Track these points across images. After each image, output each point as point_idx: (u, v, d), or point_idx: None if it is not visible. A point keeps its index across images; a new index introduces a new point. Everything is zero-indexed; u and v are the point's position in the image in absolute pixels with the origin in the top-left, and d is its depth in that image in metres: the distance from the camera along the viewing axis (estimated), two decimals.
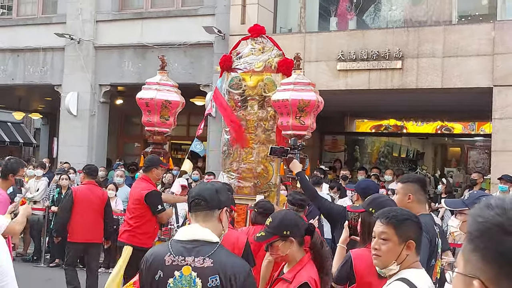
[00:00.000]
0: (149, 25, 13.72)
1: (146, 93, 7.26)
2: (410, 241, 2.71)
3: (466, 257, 1.26)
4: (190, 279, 2.64)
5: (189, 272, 2.65)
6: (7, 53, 15.30)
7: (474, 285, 1.19)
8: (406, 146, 18.90)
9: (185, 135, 17.11)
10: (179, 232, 2.79)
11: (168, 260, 2.67)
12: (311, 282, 3.21)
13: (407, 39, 11.04)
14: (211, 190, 2.81)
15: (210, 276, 2.65)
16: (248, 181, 7.23)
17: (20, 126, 27.07)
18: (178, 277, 2.65)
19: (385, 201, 3.73)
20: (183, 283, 2.64)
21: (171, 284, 2.64)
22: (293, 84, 6.56)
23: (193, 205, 2.79)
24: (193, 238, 2.71)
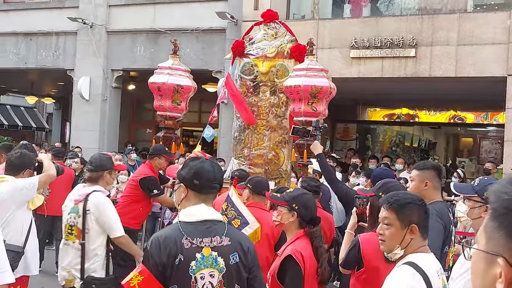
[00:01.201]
0: (162, 10, 13.69)
1: (158, 78, 7.25)
2: (412, 225, 2.70)
3: (489, 234, 1.22)
4: (212, 259, 2.65)
5: (209, 252, 2.65)
6: (20, 37, 15.34)
7: (499, 262, 1.16)
8: (418, 136, 18.82)
9: (196, 121, 17.13)
10: (185, 214, 2.74)
11: (187, 244, 2.64)
12: (295, 255, 3.42)
13: (421, 27, 10.93)
14: (221, 173, 2.84)
15: (231, 254, 2.69)
16: (259, 167, 7.23)
17: (32, 110, 27.21)
18: (200, 259, 2.64)
19: (395, 185, 3.72)
20: (205, 265, 2.64)
21: (194, 267, 2.63)
22: (305, 70, 6.53)
23: (209, 188, 2.75)
24: (204, 218, 2.71)
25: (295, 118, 6.76)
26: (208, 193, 2.77)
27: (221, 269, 2.67)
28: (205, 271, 2.64)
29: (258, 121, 7.32)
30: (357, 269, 3.56)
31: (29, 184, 4.84)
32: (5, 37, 15.54)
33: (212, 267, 2.65)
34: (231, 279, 2.68)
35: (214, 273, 2.65)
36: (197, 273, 2.63)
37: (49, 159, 5.40)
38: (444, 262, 3.98)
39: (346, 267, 3.68)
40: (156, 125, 17.69)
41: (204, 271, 2.64)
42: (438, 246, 3.82)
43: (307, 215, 3.62)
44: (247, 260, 2.73)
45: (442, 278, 2.72)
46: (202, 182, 2.74)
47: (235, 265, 2.69)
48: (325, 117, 6.79)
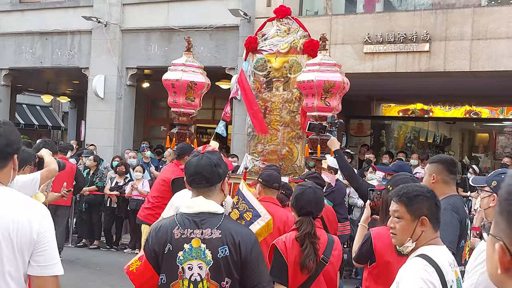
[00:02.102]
0: (175, 8, 13.75)
1: (172, 74, 7.30)
2: (423, 217, 2.70)
3: (496, 218, 1.27)
4: (200, 251, 2.68)
5: (198, 244, 2.69)
6: (35, 36, 15.49)
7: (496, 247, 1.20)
8: (433, 131, 18.72)
9: (210, 118, 17.18)
10: (186, 205, 2.81)
11: (177, 234, 2.70)
12: (278, 245, 3.60)
13: (435, 22, 10.88)
14: (210, 166, 2.80)
15: (220, 247, 2.69)
16: (273, 163, 7.23)
17: (48, 109, 27.46)
18: (188, 249, 2.68)
19: (403, 178, 3.71)
20: (193, 256, 2.68)
21: (181, 257, 2.68)
22: (318, 65, 6.49)
23: (194, 183, 2.82)
24: (199, 210, 2.75)
25: (308, 113, 6.75)
26: (197, 187, 2.81)
27: (208, 262, 2.68)
28: (193, 262, 2.68)
29: (271, 116, 7.34)
30: (370, 263, 3.58)
31: (31, 180, 4.78)
32: (21, 36, 15.71)
33: (200, 259, 2.68)
34: (220, 272, 2.68)
35: (202, 265, 2.68)
36: (184, 264, 2.68)
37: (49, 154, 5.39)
38: (460, 256, 3.96)
39: (359, 262, 3.70)
40: (170, 123, 17.78)
41: (192, 262, 2.68)
42: (454, 241, 3.81)
43: (296, 206, 3.75)
44: (238, 254, 2.70)
45: (455, 271, 2.72)
46: (187, 176, 2.84)
47: (224, 259, 2.69)
48: (338, 112, 6.77)
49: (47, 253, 2.43)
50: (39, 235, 2.41)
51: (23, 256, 2.40)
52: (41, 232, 2.42)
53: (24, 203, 2.52)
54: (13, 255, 2.39)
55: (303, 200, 3.70)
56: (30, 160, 5.14)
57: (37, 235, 2.40)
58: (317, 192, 3.80)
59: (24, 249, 2.40)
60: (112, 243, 11.73)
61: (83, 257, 10.65)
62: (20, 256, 2.40)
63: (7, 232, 2.38)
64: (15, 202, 2.50)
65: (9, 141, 2.55)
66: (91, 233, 11.82)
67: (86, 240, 11.78)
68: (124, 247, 11.62)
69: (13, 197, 2.54)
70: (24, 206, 2.49)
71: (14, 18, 15.87)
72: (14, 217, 2.41)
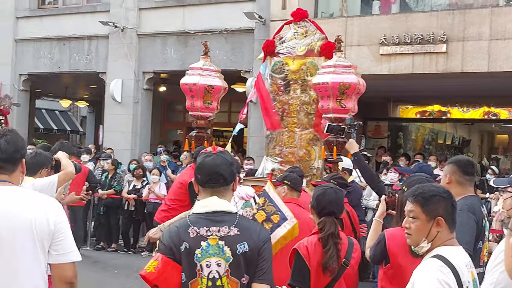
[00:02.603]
0: (191, 12, 13.81)
1: (189, 78, 7.35)
2: (438, 217, 2.67)
3: None
4: (218, 248, 2.69)
5: (215, 242, 2.69)
6: (53, 41, 15.65)
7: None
8: (452, 133, 18.57)
9: (226, 121, 17.21)
10: (199, 205, 2.81)
11: (193, 232, 2.70)
12: (300, 249, 3.55)
13: (452, 22, 10.80)
14: (226, 165, 2.82)
15: (239, 244, 2.70)
16: (290, 165, 7.24)
17: (67, 114, 27.72)
18: (205, 247, 2.68)
19: (419, 179, 3.67)
20: (210, 253, 2.68)
21: (199, 255, 2.68)
22: (333, 67, 6.45)
23: (211, 182, 2.80)
24: (214, 209, 2.75)
25: (324, 115, 6.73)
26: (213, 186, 2.80)
27: (228, 259, 2.69)
28: (211, 260, 2.68)
29: (289, 119, 7.36)
30: (385, 263, 3.56)
31: (48, 183, 4.86)
32: (39, 42, 15.88)
33: (218, 256, 2.68)
34: (239, 268, 2.70)
35: (221, 262, 2.69)
36: (202, 261, 2.68)
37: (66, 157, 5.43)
38: (478, 258, 3.92)
39: (374, 262, 3.68)
40: (187, 126, 17.90)
41: (210, 259, 2.68)
42: (471, 242, 3.77)
43: (317, 207, 3.72)
44: (256, 251, 2.73)
45: (471, 271, 2.69)
46: (203, 176, 2.81)
47: (243, 255, 2.70)
48: (354, 113, 6.75)
49: (64, 242, 2.76)
50: (56, 225, 2.73)
51: (44, 247, 2.72)
52: (58, 223, 2.75)
53: (39, 199, 2.84)
54: (35, 246, 2.70)
55: (325, 201, 3.69)
56: (47, 163, 5.18)
57: (54, 226, 2.72)
58: (338, 192, 3.80)
59: (44, 239, 2.71)
60: (129, 246, 11.80)
61: (101, 260, 10.72)
62: (40, 247, 2.71)
63: (29, 226, 2.67)
64: (31, 199, 2.81)
65: (17, 147, 2.84)
66: (109, 236, 11.89)
67: (104, 243, 11.86)
68: (141, 250, 11.67)
69: (28, 195, 2.85)
70: (40, 202, 2.80)
71: (32, 24, 16.06)
72: (32, 212, 2.70)
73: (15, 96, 15.56)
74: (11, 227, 2.69)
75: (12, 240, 2.69)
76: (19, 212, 2.71)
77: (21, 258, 2.70)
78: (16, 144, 2.83)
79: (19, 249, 2.70)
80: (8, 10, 16.23)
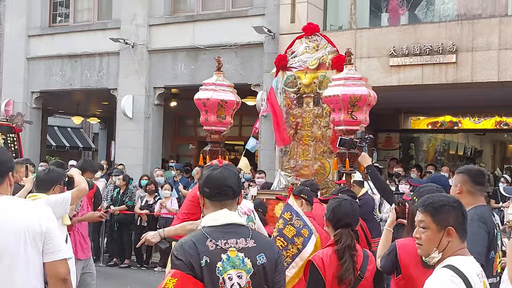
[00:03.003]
0: (201, 27, 13.91)
1: (203, 94, 7.48)
2: (449, 227, 2.66)
3: None
4: (239, 260, 2.67)
5: (235, 254, 2.67)
6: (65, 59, 15.80)
7: None
8: (463, 144, 18.48)
9: (237, 135, 17.24)
10: (209, 219, 2.77)
11: (211, 246, 2.66)
12: (315, 261, 3.54)
13: (461, 33, 10.80)
14: (234, 178, 2.82)
15: (257, 255, 2.70)
16: (305, 178, 7.29)
17: (79, 131, 27.88)
18: (226, 259, 2.66)
19: (429, 190, 3.67)
20: (231, 265, 2.65)
21: (220, 268, 2.65)
22: (344, 80, 6.54)
23: (220, 195, 2.78)
24: (227, 222, 2.73)
25: (335, 127, 6.77)
26: (222, 199, 2.78)
27: (249, 270, 2.68)
28: (232, 272, 2.65)
29: (303, 132, 7.43)
30: (396, 274, 3.54)
31: (62, 199, 4.93)
32: (51, 60, 16.03)
33: (239, 268, 2.66)
34: (259, 279, 2.69)
35: (242, 274, 2.67)
36: (224, 274, 2.65)
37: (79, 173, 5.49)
38: (491, 268, 3.89)
39: (386, 272, 3.66)
40: (199, 140, 17.96)
41: (231, 271, 2.65)
42: (482, 252, 3.74)
43: (332, 219, 3.70)
44: (273, 261, 2.74)
45: (483, 281, 2.67)
46: (211, 189, 2.79)
47: (262, 266, 2.70)
48: (366, 125, 6.76)
49: (53, 241, 3.05)
50: (47, 228, 3.04)
51: (38, 248, 3.01)
52: (48, 226, 3.06)
53: (30, 206, 3.22)
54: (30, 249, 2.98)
55: (340, 212, 3.68)
56: (59, 180, 5.23)
57: (46, 228, 3.04)
58: (353, 204, 3.81)
59: (38, 241, 3.00)
60: (142, 262, 11.80)
61: (114, 276, 10.74)
62: (36, 249, 3.00)
63: (23, 231, 2.96)
64: (23, 206, 3.13)
65: (2, 161, 3.10)
66: (121, 252, 11.91)
67: (117, 259, 11.87)
68: (154, 265, 11.67)
69: (20, 203, 3.18)
70: (31, 208, 3.14)
71: (44, 42, 16.23)
72: (25, 218, 3.01)
73: (27, 113, 15.71)
74: (6, 232, 2.93)
75: (6, 245, 2.93)
76: (12, 218, 2.98)
77: (17, 262, 2.94)
78: (1, 159, 3.09)
79: (14, 253, 2.94)
80: (19, 29, 16.42)
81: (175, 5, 14.74)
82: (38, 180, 5.16)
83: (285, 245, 4.80)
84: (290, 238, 4.80)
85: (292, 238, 4.78)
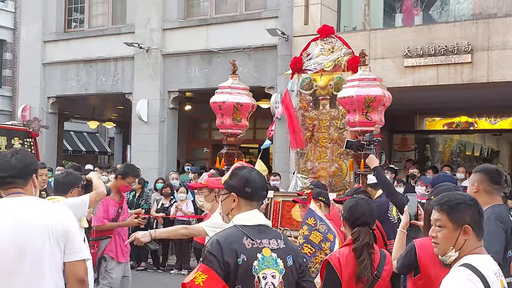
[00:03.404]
0: (214, 31, 13.95)
1: (218, 97, 7.57)
2: (466, 225, 2.63)
3: None
4: (272, 260, 2.72)
5: (269, 253, 2.72)
6: (80, 64, 15.93)
7: None
8: (480, 144, 18.31)
9: (251, 138, 17.24)
10: (242, 218, 2.81)
11: (248, 244, 2.71)
12: (332, 260, 3.50)
13: (476, 32, 10.72)
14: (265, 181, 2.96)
15: (287, 256, 2.77)
16: (323, 179, 7.30)
17: (95, 135, 28.08)
18: (261, 259, 2.70)
19: (446, 188, 3.64)
20: (266, 265, 2.70)
21: (256, 266, 2.69)
22: (358, 81, 6.55)
23: (259, 196, 2.89)
24: (258, 223, 2.79)
25: (350, 128, 6.78)
26: (259, 200, 2.87)
27: (281, 270, 2.74)
28: (267, 271, 2.70)
29: (319, 134, 7.44)
30: (414, 274, 3.52)
31: (80, 202, 4.99)
32: (66, 65, 16.18)
33: (273, 267, 2.71)
34: (289, 280, 2.77)
35: (275, 274, 2.72)
36: (259, 273, 2.69)
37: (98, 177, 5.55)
38: (508, 267, 3.85)
39: (402, 272, 3.64)
40: (213, 144, 17.99)
41: (266, 271, 2.70)
42: (500, 251, 3.71)
43: (350, 218, 3.67)
44: (299, 263, 2.83)
45: (500, 280, 2.65)
46: (254, 190, 2.84)
47: (291, 267, 2.78)
48: (381, 126, 6.75)
49: (75, 242, 3.15)
50: (69, 228, 3.16)
51: (60, 247, 3.10)
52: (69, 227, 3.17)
53: (53, 207, 3.35)
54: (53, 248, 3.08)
55: (358, 212, 3.66)
56: (77, 183, 5.28)
57: (68, 228, 3.15)
58: (370, 203, 3.79)
59: (60, 241, 3.10)
60: (159, 264, 11.84)
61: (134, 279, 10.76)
62: (58, 248, 3.09)
63: (46, 231, 3.06)
64: (46, 207, 3.24)
65: (26, 164, 3.20)
66: (138, 255, 11.95)
67: (134, 262, 11.90)
68: (170, 268, 11.71)
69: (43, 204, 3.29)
70: (54, 209, 3.25)
71: (59, 48, 16.38)
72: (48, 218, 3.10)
73: (44, 118, 15.82)
74: (30, 231, 3.01)
75: (31, 244, 3.00)
76: (36, 218, 3.06)
77: (41, 260, 3.02)
78: (24, 162, 3.19)
79: (38, 252, 3.01)
80: (35, 35, 16.60)
81: (188, 9, 14.80)
82: (56, 183, 5.21)
83: (313, 251, 4.83)
84: (318, 244, 4.83)
85: (320, 244, 4.81)
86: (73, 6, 16.72)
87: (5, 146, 10.69)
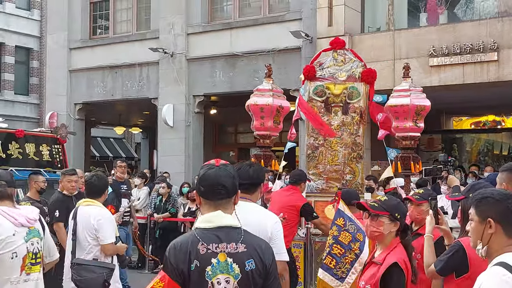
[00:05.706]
0: (238, 34, 14.01)
1: (260, 99, 7.66)
2: (488, 219, 2.63)
3: None
4: (227, 265, 2.66)
5: (224, 258, 2.66)
6: (106, 70, 16.13)
7: None
8: (508, 143, 18.04)
9: (278, 141, 17.22)
10: (202, 220, 2.76)
11: (202, 249, 2.66)
12: (400, 262, 3.40)
13: (502, 30, 10.61)
14: (229, 178, 2.79)
15: (246, 260, 2.69)
16: (335, 182, 7.54)
17: (121, 141, 28.37)
18: (216, 264, 2.65)
19: (484, 187, 3.61)
20: (220, 270, 2.65)
21: (209, 272, 2.65)
22: (409, 91, 7.31)
23: (214, 194, 2.77)
24: (219, 225, 2.72)
25: (397, 134, 7.39)
26: (217, 199, 2.77)
27: (236, 276, 2.67)
28: (221, 277, 2.65)
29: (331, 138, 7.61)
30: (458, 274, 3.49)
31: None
32: (92, 71, 16.40)
33: (227, 273, 2.66)
34: (248, 285, 2.69)
35: (230, 279, 2.66)
36: (213, 278, 2.65)
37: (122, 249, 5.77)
38: None
39: (444, 274, 3.60)
40: (239, 147, 18.05)
41: (220, 276, 2.65)
42: None
43: (404, 221, 3.62)
44: (263, 267, 2.72)
45: None
46: (206, 188, 2.78)
47: (251, 272, 2.69)
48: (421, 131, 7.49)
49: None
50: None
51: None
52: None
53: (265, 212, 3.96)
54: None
55: None
56: (107, 187, 5.40)
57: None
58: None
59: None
60: None
61: None
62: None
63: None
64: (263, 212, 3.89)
65: (259, 175, 3.93)
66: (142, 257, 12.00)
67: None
68: None
69: (260, 209, 3.90)
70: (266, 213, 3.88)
71: (85, 54, 16.62)
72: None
73: (71, 125, 16.05)
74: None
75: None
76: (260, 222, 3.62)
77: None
78: (259, 173, 3.92)
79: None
80: (61, 43, 16.86)
81: (212, 13, 14.89)
82: (91, 186, 5.25)
83: (342, 252, 4.84)
84: (347, 244, 4.84)
85: (349, 244, 4.82)
86: (98, 13, 16.96)
87: (33, 152, 10.86)
